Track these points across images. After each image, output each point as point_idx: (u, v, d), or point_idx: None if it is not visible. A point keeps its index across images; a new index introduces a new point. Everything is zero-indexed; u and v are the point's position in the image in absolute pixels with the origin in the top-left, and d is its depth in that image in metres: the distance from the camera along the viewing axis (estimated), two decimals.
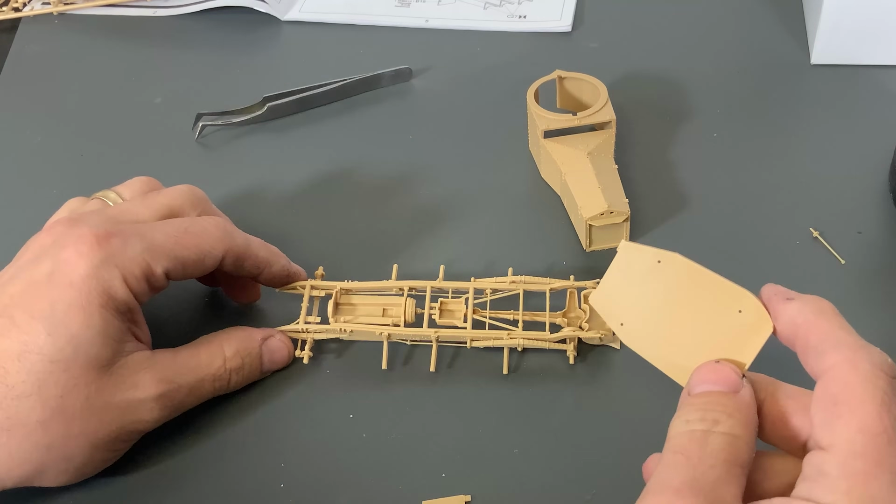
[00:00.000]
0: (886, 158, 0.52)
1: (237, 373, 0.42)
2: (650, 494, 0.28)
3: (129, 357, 0.38)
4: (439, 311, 0.44)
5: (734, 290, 0.32)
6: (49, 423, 0.36)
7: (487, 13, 0.68)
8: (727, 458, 0.28)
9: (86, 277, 0.37)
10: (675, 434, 0.29)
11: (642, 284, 0.34)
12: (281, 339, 0.44)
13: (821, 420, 0.27)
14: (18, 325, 0.36)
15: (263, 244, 0.44)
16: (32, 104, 0.64)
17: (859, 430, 0.26)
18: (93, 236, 0.38)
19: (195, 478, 0.41)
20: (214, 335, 0.42)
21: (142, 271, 0.38)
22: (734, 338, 0.32)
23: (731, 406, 0.29)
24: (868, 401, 0.27)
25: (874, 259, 0.48)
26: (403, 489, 0.40)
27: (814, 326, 0.29)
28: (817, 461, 0.27)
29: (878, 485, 0.26)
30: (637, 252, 0.34)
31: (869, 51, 0.59)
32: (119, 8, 0.72)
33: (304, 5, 0.70)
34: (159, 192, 0.43)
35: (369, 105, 0.61)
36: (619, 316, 0.34)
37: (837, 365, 0.28)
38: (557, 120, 0.51)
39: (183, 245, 0.40)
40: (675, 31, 0.65)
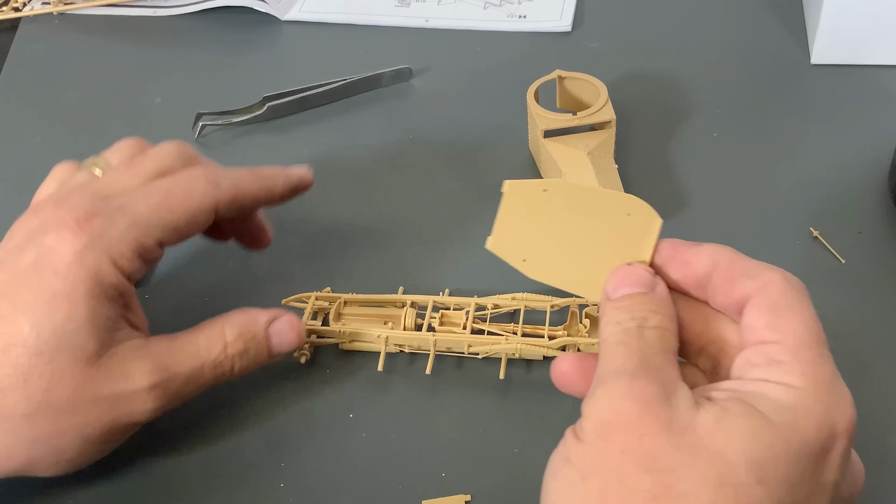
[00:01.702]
0: (886, 158, 0.52)
1: (241, 358, 0.39)
2: (604, 382, 0.30)
3: (121, 346, 0.37)
4: (440, 321, 0.44)
5: (618, 196, 0.34)
6: (35, 416, 0.35)
7: (487, 13, 0.68)
8: (663, 347, 0.31)
9: (70, 265, 0.35)
10: (611, 333, 0.31)
11: (534, 217, 0.35)
12: (288, 321, 0.41)
13: (765, 322, 0.30)
14: (2, 317, 0.35)
15: (253, 174, 0.42)
16: (32, 104, 0.64)
17: (804, 328, 0.30)
18: (74, 221, 0.36)
19: (195, 478, 0.41)
20: (216, 319, 0.40)
21: (131, 250, 0.37)
22: (630, 240, 0.34)
23: (653, 303, 0.32)
24: (805, 308, 0.31)
25: (874, 259, 0.48)
26: (403, 489, 0.40)
27: (737, 260, 0.32)
28: (767, 351, 0.30)
29: (825, 371, 0.29)
30: (522, 187, 0.35)
31: (869, 51, 0.59)
32: (119, 8, 0.72)
33: (304, 5, 0.70)
34: (146, 156, 0.41)
35: (369, 105, 0.61)
36: (519, 253, 0.35)
37: (774, 280, 0.31)
38: (557, 120, 0.51)
39: (169, 209, 0.38)
40: (676, 31, 0.65)
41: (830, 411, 0.29)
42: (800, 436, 0.28)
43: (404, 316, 0.45)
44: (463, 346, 0.44)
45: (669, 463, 0.27)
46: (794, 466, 0.28)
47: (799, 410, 0.28)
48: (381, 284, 0.47)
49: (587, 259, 0.34)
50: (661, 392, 0.29)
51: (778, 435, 0.28)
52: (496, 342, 0.43)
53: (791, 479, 0.28)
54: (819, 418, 0.28)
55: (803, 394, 0.29)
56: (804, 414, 0.28)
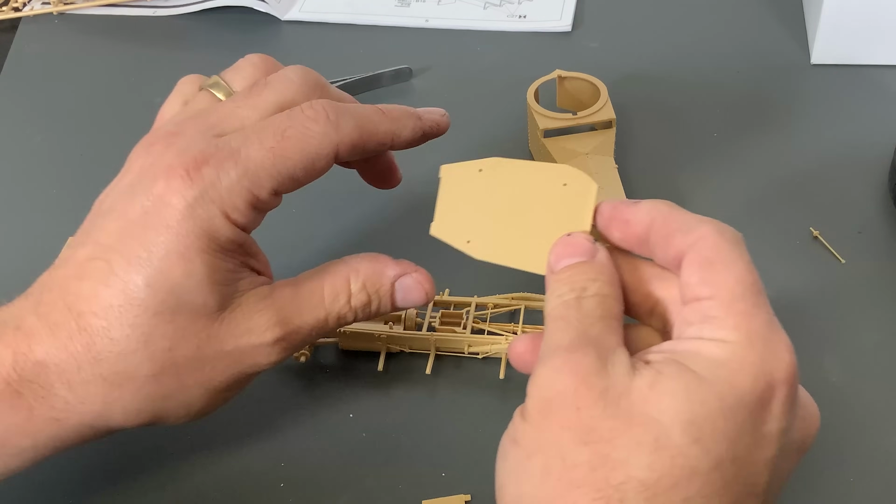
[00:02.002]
0: (886, 158, 0.52)
1: (363, 310, 0.37)
2: (544, 358, 0.30)
3: (244, 297, 0.35)
4: (440, 321, 0.44)
5: (552, 167, 0.35)
6: (160, 376, 0.34)
7: (487, 13, 0.68)
8: (602, 314, 0.30)
9: (182, 219, 0.33)
10: (552, 308, 0.31)
11: (473, 198, 0.35)
12: (417, 279, 0.37)
13: (698, 278, 0.30)
14: (116, 273, 0.33)
15: (381, 115, 0.38)
16: (32, 104, 0.64)
17: (737, 280, 0.29)
18: (184, 169, 0.33)
19: (195, 477, 0.41)
20: (342, 263, 0.37)
21: (244, 201, 0.34)
22: (569, 209, 0.34)
23: (592, 271, 0.32)
24: (738, 259, 0.30)
25: (874, 259, 0.48)
26: (403, 489, 0.40)
27: (673, 213, 0.32)
28: (701, 308, 0.29)
29: (759, 321, 0.29)
30: (458, 170, 0.36)
31: (869, 51, 0.59)
32: (119, 8, 0.72)
33: (304, 5, 0.70)
34: (267, 86, 0.37)
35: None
36: (463, 235, 0.35)
37: (707, 234, 0.31)
38: (557, 119, 0.51)
39: (284, 155, 0.34)
40: (676, 31, 0.65)
41: (766, 361, 0.28)
42: (734, 390, 0.28)
43: (404, 315, 0.45)
44: (463, 346, 0.44)
45: (605, 433, 0.27)
46: (730, 421, 0.27)
47: (732, 364, 0.28)
48: None
49: (530, 233, 0.34)
50: (596, 362, 0.29)
51: (711, 392, 0.28)
52: (496, 342, 0.43)
53: (729, 435, 0.27)
54: (754, 369, 0.28)
55: (736, 347, 0.28)
56: (737, 368, 0.28)
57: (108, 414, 0.34)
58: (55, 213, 0.55)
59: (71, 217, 0.54)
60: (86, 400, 0.34)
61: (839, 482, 0.39)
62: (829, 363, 0.43)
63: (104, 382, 0.34)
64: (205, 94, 0.39)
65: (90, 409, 0.34)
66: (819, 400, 0.42)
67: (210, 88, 0.39)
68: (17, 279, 0.51)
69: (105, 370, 0.33)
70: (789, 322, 0.45)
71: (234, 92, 0.38)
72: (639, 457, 0.27)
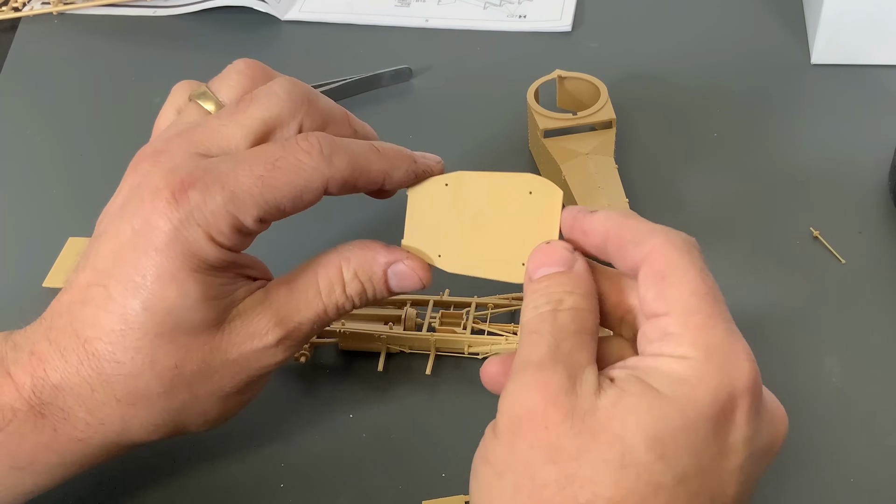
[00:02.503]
0: (886, 158, 0.52)
1: (360, 297, 0.37)
2: (515, 375, 0.30)
3: (241, 305, 0.35)
4: (440, 321, 0.44)
5: (516, 177, 0.35)
6: (170, 392, 0.35)
7: (487, 13, 0.68)
8: (576, 329, 0.31)
9: (169, 242, 0.33)
10: (528, 320, 0.32)
11: (441, 212, 0.36)
12: (410, 266, 0.37)
13: (653, 294, 0.30)
14: (114, 298, 0.34)
15: (375, 151, 0.37)
16: (32, 104, 0.64)
17: (690, 293, 0.30)
18: (170, 192, 0.33)
19: (195, 477, 0.41)
20: (333, 253, 0.37)
21: (228, 226, 0.34)
22: (536, 217, 0.34)
23: (570, 283, 0.32)
24: (690, 269, 0.30)
25: (874, 259, 0.48)
26: (403, 489, 0.40)
27: (625, 225, 0.32)
28: (659, 325, 0.30)
29: (717, 333, 0.29)
30: (424, 186, 0.37)
31: (869, 51, 0.59)
32: (119, 8, 0.72)
33: (304, 5, 0.70)
34: (252, 102, 0.36)
35: (369, 105, 0.61)
36: (434, 249, 0.36)
37: (657, 246, 0.31)
38: (557, 119, 0.51)
39: (272, 185, 0.34)
40: (675, 31, 0.65)
41: (726, 374, 0.29)
42: (695, 405, 0.28)
43: (404, 316, 0.45)
44: (463, 346, 0.44)
45: (573, 451, 0.28)
46: (693, 436, 0.28)
47: (692, 380, 0.28)
48: None
49: (499, 243, 0.35)
50: (566, 381, 0.29)
51: (673, 408, 0.28)
52: (496, 342, 0.43)
53: (693, 449, 0.28)
54: (714, 383, 0.28)
55: (695, 363, 0.29)
56: (698, 382, 0.28)
57: (129, 431, 0.36)
58: (55, 213, 0.55)
59: (71, 217, 0.54)
60: (105, 421, 0.35)
61: (839, 482, 0.39)
62: (829, 363, 0.43)
63: (119, 403, 0.35)
64: (193, 106, 0.38)
65: (110, 428, 0.35)
66: (819, 400, 0.42)
67: (198, 100, 0.38)
68: (17, 279, 0.51)
69: (118, 392, 0.34)
70: (790, 322, 0.45)
71: (221, 102, 0.38)
72: (605, 475, 0.27)
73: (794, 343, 0.45)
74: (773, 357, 0.44)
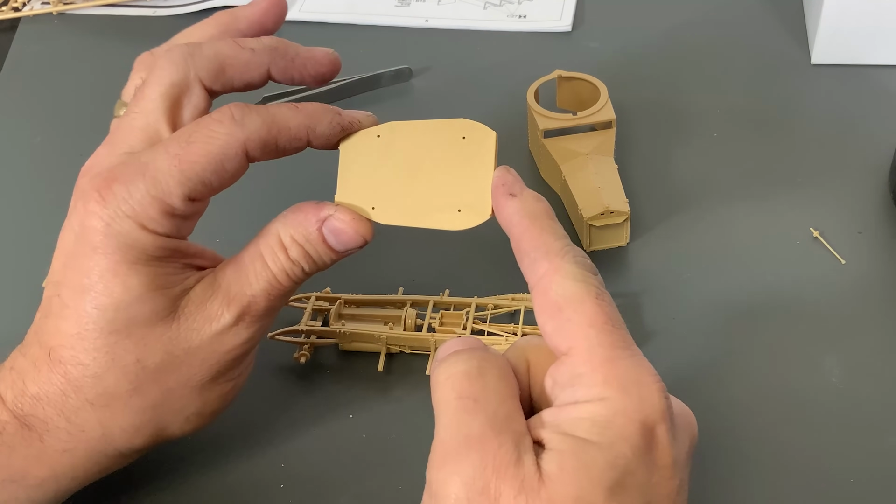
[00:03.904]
0: (886, 158, 0.52)
1: (306, 261, 0.36)
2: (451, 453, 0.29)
3: (192, 292, 0.35)
4: (440, 322, 0.44)
5: (449, 123, 0.35)
6: (140, 388, 0.35)
7: (487, 13, 0.68)
8: (509, 392, 0.30)
9: (104, 239, 0.34)
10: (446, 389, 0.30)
11: (373, 165, 0.36)
12: (341, 219, 0.36)
13: (552, 327, 0.30)
14: (67, 305, 0.34)
15: (294, 108, 0.36)
16: (32, 104, 0.64)
17: (589, 325, 0.29)
18: (96, 191, 0.34)
19: (195, 477, 0.41)
20: (271, 224, 0.37)
21: (157, 211, 0.34)
22: (471, 161, 0.35)
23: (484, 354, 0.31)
24: (586, 298, 0.30)
25: (874, 259, 0.48)
26: (403, 489, 0.40)
27: (526, 232, 0.32)
28: (567, 367, 0.30)
29: (624, 364, 0.29)
30: (356, 139, 0.36)
31: (869, 51, 0.59)
32: (119, 8, 0.72)
33: (304, 5, 0.70)
34: (145, 84, 0.37)
35: (369, 105, 0.61)
36: (367, 202, 0.36)
37: (548, 273, 0.31)
38: (557, 120, 0.51)
39: (190, 161, 0.34)
40: (676, 31, 0.65)
41: (645, 404, 0.29)
42: (629, 442, 0.28)
43: (404, 316, 0.45)
44: None
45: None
46: (638, 473, 0.28)
47: (617, 419, 0.28)
48: (381, 284, 0.47)
49: (434, 190, 0.35)
50: (513, 452, 0.28)
51: (613, 453, 0.28)
52: (496, 343, 0.43)
53: (642, 484, 0.28)
54: (637, 416, 0.28)
55: (614, 402, 0.29)
56: (623, 421, 0.28)
57: (110, 437, 0.36)
58: (55, 213, 0.55)
59: None
60: (84, 427, 0.35)
61: (839, 482, 0.39)
62: (829, 363, 0.43)
63: (93, 407, 0.35)
64: (115, 121, 0.39)
65: (91, 435, 0.35)
66: (819, 400, 0.42)
67: (117, 113, 0.40)
68: (17, 279, 0.51)
69: (89, 394, 0.35)
70: (790, 322, 0.45)
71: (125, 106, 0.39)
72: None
73: (794, 342, 0.45)
74: (774, 357, 0.44)
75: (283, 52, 0.39)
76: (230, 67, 0.37)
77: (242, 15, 0.41)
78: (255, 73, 0.38)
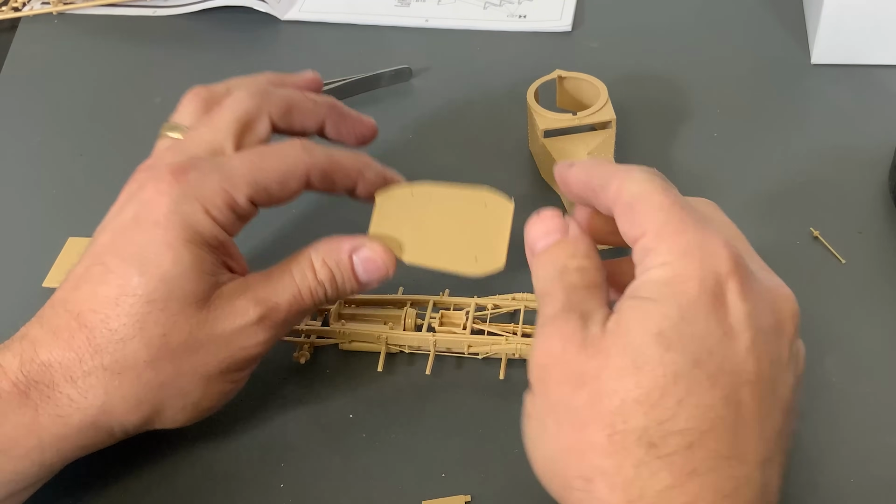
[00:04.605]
0: (886, 158, 0.52)
1: (330, 283, 0.40)
2: (536, 333, 0.34)
3: (224, 287, 0.38)
4: (440, 321, 0.44)
5: (473, 192, 0.41)
6: (157, 362, 0.36)
7: (487, 13, 0.68)
8: (583, 284, 0.34)
9: (168, 214, 0.37)
10: (540, 286, 0.35)
11: (404, 214, 0.41)
12: (372, 249, 0.40)
13: (627, 224, 0.33)
14: (112, 271, 0.36)
15: (349, 153, 0.42)
16: (32, 104, 0.64)
17: (658, 209, 0.33)
18: (169, 173, 0.37)
19: (196, 478, 0.41)
20: (304, 248, 0.40)
21: (223, 202, 0.38)
22: (490, 223, 0.40)
23: (570, 247, 0.35)
24: (653, 192, 0.33)
25: (874, 259, 0.48)
26: (403, 489, 0.40)
27: (593, 173, 0.36)
28: (640, 247, 0.33)
29: (689, 232, 0.32)
30: (392, 192, 0.42)
31: (869, 51, 0.59)
32: (119, 8, 0.72)
33: (303, 5, 0.70)
34: (222, 107, 0.41)
35: (369, 105, 0.61)
36: (396, 242, 0.40)
37: (620, 185, 0.34)
38: (557, 120, 0.51)
39: (261, 169, 0.39)
40: (675, 31, 0.65)
41: (706, 262, 0.31)
42: (686, 297, 0.31)
43: (404, 316, 0.45)
44: (463, 347, 0.44)
45: (593, 372, 0.31)
46: (693, 324, 0.30)
47: (676, 279, 0.31)
48: (382, 284, 0.47)
49: (455, 241, 0.40)
50: (579, 322, 0.32)
51: (667, 307, 0.31)
52: (496, 342, 0.43)
53: (697, 335, 0.30)
54: (697, 273, 0.31)
55: (675, 264, 0.31)
56: (682, 279, 0.31)
57: (109, 408, 0.36)
58: (55, 213, 0.55)
59: (71, 217, 0.54)
60: (88, 393, 0.36)
61: (839, 482, 0.39)
62: (829, 363, 0.43)
63: (105, 372, 0.36)
64: (163, 140, 0.42)
65: (92, 402, 0.36)
66: (819, 400, 0.42)
67: (166, 133, 0.43)
68: (17, 279, 0.51)
69: (105, 360, 0.36)
70: None
71: (186, 127, 0.42)
72: (625, 380, 0.30)
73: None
74: None
75: (338, 109, 0.46)
76: (296, 110, 0.43)
77: (290, 80, 0.46)
78: (313, 121, 0.44)
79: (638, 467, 0.30)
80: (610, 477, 0.30)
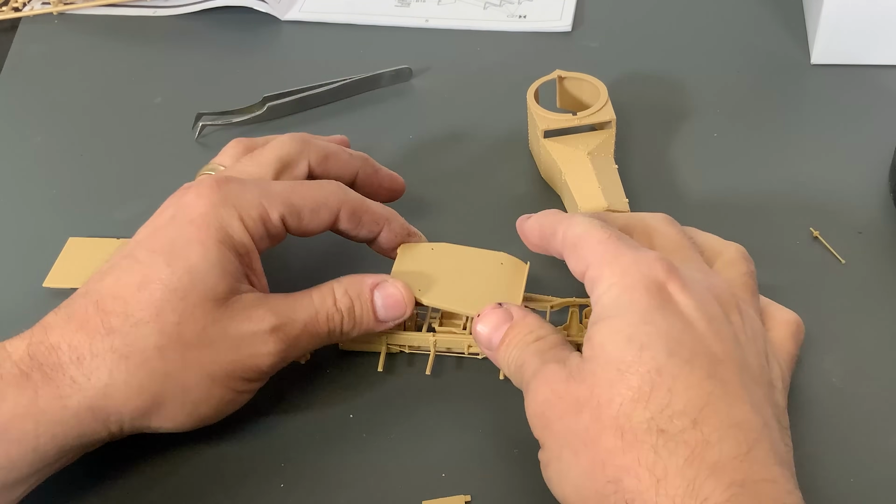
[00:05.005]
0: (886, 158, 0.52)
1: (349, 315, 0.41)
2: (525, 391, 0.37)
3: (244, 295, 0.39)
4: (440, 321, 0.44)
5: (491, 253, 0.45)
6: (166, 349, 0.37)
7: (487, 13, 0.68)
8: (549, 346, 0.38)
9: (204, 214, 0.39)
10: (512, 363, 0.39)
11: (424, 266, 0.44)
12: (394, 286, 0.42)
13: (574, 259, 0.38)
14: (140, 262, 0.38)
15: (379, 203, 0.45)
16: (32, 104, 0.64)
17: (596, 244, 0.37)
18: (213, 180, 0.40)
19: (196, 478, 0.41)
20: (326, 282, 0.42)
21: (258, 214, 0.40)
22: (504, 277, 0.44)
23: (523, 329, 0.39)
24: (592, 231, 0.38)
25: (874, 259, 0.48)
26: (403, 489, 0.40)
27: (544, 222, 0.41)
28: (588, 278, 0.37)
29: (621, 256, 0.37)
30: (413, 246, 0.45)
31: (869, 51, 0.59)
32: (119, 8, 0.72)
33: (304, 5, 0.70)
34: (265, 148, 0.44)
35: (369, 105, 0.61)
36: (415, 286, 0.42)
37: (566, 229, 0.39)
38: (557, 120, 0.51)
39: (298, 194, 0.41)
40: (676, 31, 0.66)
41: (644, 274, 0.36)
42: (639, 304, 0.35)
43: None
44: (463, 346, 0.44)
45: (586, 394, 0.34)
46: (653, 322, 0.34)
47: (625, 292, 0.35)
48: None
49: (472, 290, 0.43)
50: (558, 366, 0.36)
51: (626, 318, 0.35)
52: None
53: (661, 330, 0.34)
54: (640, 283, 0.35)
55: (620, 282, 0.36)
56: (630, 291, 0.35)
57: (110, 392, 0.36)
58: (55, 213, 0.55)
59: (71, 217, 0.54)
60: (92, 374, 0.36)
61: (839, 482, 0.39)
62: (829, 363, 0.43)
63: (113, 354, 0.36)
64: (203, 177, 0.43)
65: (94, 384, 0.36)
66: (820, 400, 0.42)
67: (206, 171, 0.45)
68: (17, 279, 0.51)
69: (116, 342, 0.36)
70: None
71: (226, 168, 0.45)
72: (616, 387, 0.33)
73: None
74: None
75: (371, 164, 0.48)
76: (333, 159, 0.46)
77: (323, 138, 0.49)
78: (347, 171, 0.47)
79: (656, 450, 0.32)
80: (634, 469, 0.32)
